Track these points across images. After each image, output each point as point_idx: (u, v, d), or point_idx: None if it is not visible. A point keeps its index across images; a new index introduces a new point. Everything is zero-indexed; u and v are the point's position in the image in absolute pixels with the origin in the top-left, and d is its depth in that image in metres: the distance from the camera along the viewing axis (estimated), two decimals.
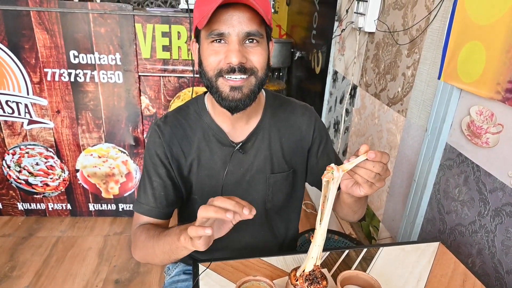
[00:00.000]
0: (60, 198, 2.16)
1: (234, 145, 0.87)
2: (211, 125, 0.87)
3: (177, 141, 0.87)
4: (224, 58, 0.74)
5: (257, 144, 0.89)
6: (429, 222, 1.31)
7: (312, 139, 0.95)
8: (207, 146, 0.88)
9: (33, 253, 1.93)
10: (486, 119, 1.03)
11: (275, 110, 0.92)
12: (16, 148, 2.01)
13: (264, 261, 0.84)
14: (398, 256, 0.89)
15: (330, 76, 2.42)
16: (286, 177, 0.93)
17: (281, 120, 0.92)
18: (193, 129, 0.88)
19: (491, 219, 1.01)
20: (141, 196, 0.88)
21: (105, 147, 2.04)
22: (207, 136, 0.87)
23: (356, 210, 0.84)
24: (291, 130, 0.93)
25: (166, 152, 0.86)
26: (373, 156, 0.62)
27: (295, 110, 0.94)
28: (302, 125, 0.93)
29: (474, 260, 1.08)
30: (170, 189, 0.87)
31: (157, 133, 0.87)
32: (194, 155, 0.88)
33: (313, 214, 2.42)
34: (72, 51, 1.82)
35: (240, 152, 0.88)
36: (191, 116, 0.89)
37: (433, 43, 1.28)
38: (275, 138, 0.91)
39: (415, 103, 1.40)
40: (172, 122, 0.88)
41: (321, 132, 0.96)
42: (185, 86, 1.96)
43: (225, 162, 0.88)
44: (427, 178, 1.28)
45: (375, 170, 0.64)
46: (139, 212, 0.87)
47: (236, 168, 0.89)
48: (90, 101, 1.93)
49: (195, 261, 0.83)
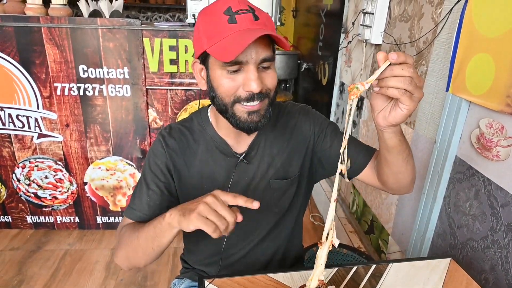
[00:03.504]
0: (69, 211, 2.17)
1: (237, 155, 0.87)
2: (214, 137, 0.88)
3: (180, 153, 0.88)
4: (243, 85, 0.73)
5: (260, 152, 0.89)
6: (440, 237, 1.28)
7: (315, 134, 0.93)
8: (211, 158, 0.88)
9: (41, 266, 1.93)
10: (496, 132, 1.01)
11: (275, 117, 0.92)
12: (25, 161, 2.03)
13: (270, 278, 0.83)
14: (408, 272, 0.87)
15: (337, 87, 2.42)
16: (291, 182, 0.93)
17: (282, 126, 0.92)
18: (196, 141, 0.89)
19: (504, 235, 0.99)
20: (135, 203, 0.86)
21: (113, 160, 2.06)
22: (210, 147, 0.88)
23: (405, 157, 0.78)
24: (292, 134, 0.93)
25: (169, 163, 0.87)
26: (395, 57, 0.55)
27: (293, 112, 0.94)
28: (302, 127, 0.93)
29: (487, 276, 1.05)
30: (165, 200, 0.87)
31: (161, 143, 0.87)
32: (198, 167, 0.88)
33: (321, 226, 2.40)
34: (81, 66, 1.85)
35: (245, 162, 0.88)
36: (195, 128, 0.90)
37: (441, 55, 1.27)
38: (277, 145, 0.91)
39: (423, 115, 1.38)
40: (176, 134, 0.89)
41: (321, 124, 0.93)
42: (192, 99, 1.97)
43: (229, 173, 0.88)
44: (437, 191, 1.26)
45: (406, 73, 0.56)
46: (131, 218, 0.86)
47: (241, 178, 0.89)
48: (98, 114, 1.95)
49: (201, 277, 0.82)
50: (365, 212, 1.94)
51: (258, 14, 0.73)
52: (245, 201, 0.65)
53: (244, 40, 0.67)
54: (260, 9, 0.75)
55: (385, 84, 0.58)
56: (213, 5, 0.74)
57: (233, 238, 0.74)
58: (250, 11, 0.72)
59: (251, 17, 0.71)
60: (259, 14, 0.73)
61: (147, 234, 0.74)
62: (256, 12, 0.73)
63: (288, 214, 0.97)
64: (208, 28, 0.73)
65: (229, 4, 0.72)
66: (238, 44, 0.67)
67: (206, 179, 0.88)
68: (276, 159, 0.91)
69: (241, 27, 0.70)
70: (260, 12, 0.74)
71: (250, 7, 0.73)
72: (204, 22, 0.74)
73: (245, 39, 0.67)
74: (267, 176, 0.90)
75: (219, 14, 0.71)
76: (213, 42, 0.71)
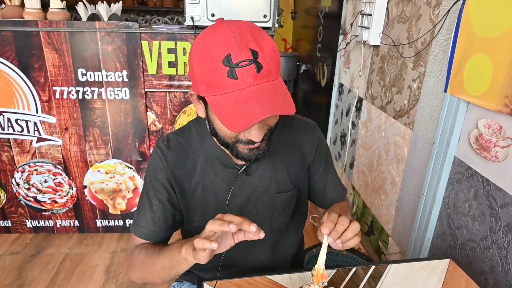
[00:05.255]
0: (68, 214, 2.17)
1: (238, 167, 0.86)
2: (214, 148, 0.86)
3: (180, 165, 0.86)
4: (244, 132, 0.71)
5: (262, 165, 0.88)
6: (439, 237, 1.28)
7: (313, 158, 0.95)
8: (211, 169, 0.86)
9: (41, 270, 1.93)
10: (495, 132, 1.01)
11: (279, 130, 0.89)
12: (25, 165, 2.03)
13: (270, 279, 0.83)
14: (407, 273, 0.87)
15: (336, 89, 2.42)
16: (291, 196, 0.93)
17: (285, 139, 0.91)
18: (196, 153, 0.87)
19: (503, 235, 0.99)
20: (140, 219, 0.87)
21: (112, 163, 2.06)
22: (210, 159, 0.86)
23: None
24: (294, 150, 0.92)
25: (169, 177, 0.85)
26: (327, 230, 0.69)
27: (299, 128, 0.93)
28: (305, 145, 0.93)
29: (486, 277, 1.05)
30: (169, 214, 0.87)
31: (159, 157, 0.85)
32: (198, 179, 0.87)
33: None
34: (80, 69, 1.85)
35: (245, 174, 0.87)
36: (193, 139, 0.87)
37: (439, 56, 1.27)
38: (279, 159, 0.90)
39: (421, 116, 1.38)
40: (175, 146, 0.86)
41: (322, 153, 0.96)
42: (190, 101, 1.97)
43: (229, 185, 0.86)
44: (436, 192, 1.26)
45: (346, 223, 0.70)
46: (137, 235, 0.87)
47: (242, 190, 0.88)
48: (97, 117, 1.95)
49: (200, 280, 0.82)
50: (364, 213, 1.94)
51: (261, 58, 0.64)
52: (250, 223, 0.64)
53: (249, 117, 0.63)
54: (262, 39, 0.66)
55: (346, 240, 0.71)
56: (210, 46, 0.65)
57: (232, 253, 0.74)
58: (252, 61, 0.63)
59: (254, 69, 0.64)
60: (262, 58, 0.64)
61: (163, 263, 0.75)
62: (259, 57, 0.64)
63: (289, 230, 0.98)
64: (205, 74, 0.66)
65: (229, 50, 0.63)
66: (243, 119, 0.63)
67: (207, 191, 0.87)
68: (278, 173, 0.90)
69: (242, 85, 0.64)
70: (263, 49, 0.65)
71: (252, 52, 0.64)
72: (200, 65, 0.67)
73: (250, 115, 0.63)
74: (269, 190, 0.90)
75: (217, 62, 0.64)
76: (212, 93, 0.67)
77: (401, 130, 1.54)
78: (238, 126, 0.64)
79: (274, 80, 0.68)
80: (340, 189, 1.02)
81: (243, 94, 0.64)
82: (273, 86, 0.67)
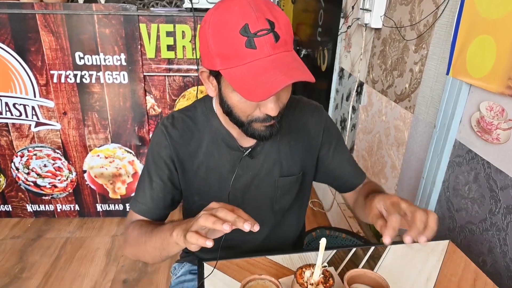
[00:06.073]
0: (68, 199, 2.18)
1: (243, 150, 0.85)
2: (220, 129, 0.85)
3: (184, 144, 0.85)
4: (260, 106, 0.70)
5: (266, 148, 0.87)
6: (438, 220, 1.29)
7: (322, 141, 0.92)
8: (216, 150, 0.86)
9: (42, 254, 1.95)
10: (497, 114, 1.01)
11: (285, 112, 0.90)
12: (24, 150, 2.02)
13: (270, 260, 0.83)
14: (406, 254, 0.87)
15: (336, 73, 2.40)
16: (295, 180, 0.92)
17: (291, 122, 0.89)
18: (201, 132, 0.86)
19: (503, 217, 0.99)
20: (139, 195, 0.87)
21: (112, 147, 2.05)
22: (216, 140, 0.85)
23: None
24: (300, 133, 0.91)
25: (172, 155, 0.85)
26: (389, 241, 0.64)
27: (304, 111, 0.92)
28: (311, 128, 0.91)
29: (485, 258, 1.06)
30: (169, 192, 0.86)
31: (164, 134, 0.84)
32: (202, 159, 0.86)
33: (320, 212, 2.41)
34: (77, 53, 1.83)
35: (249, 157, 0.86)
36: (199, 118, 0.86)
37: (441, 38, 1.25)
38: (284, 141, 0.89)
39: (423, 99, 1.37)
40: (179, 124, 0.85)
41: (331, 133, 0.93)
42: (190, 85, 1.96)
43: (233, 166, 0.86)
44: (436, 175, 1.26)
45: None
46: (135, 211, 0.87)
47: (245, 173, 0.87)
48: (96, 102, 1.94)
49: (201, 261, 0.82)
50: None
51: (278, 29, 0.64)
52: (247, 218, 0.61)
53: (270, 84, 0.61)
54: (276, 11, 0.66)
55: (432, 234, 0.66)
56: (226, 17, 0.64)
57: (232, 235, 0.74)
58: (270, 30, 0.63)
59: (272, 38, 0.63)
60: (278, 29, 0.64)
61: (155, 244, 0.75)
62: (275, 27, 0.63)
63: (290, 212, 0.97)
64: (221, 47, 0.65)
65: (246, 20, 0.62)
66: (263, 88, 0.62)
67: (210, 171, 0.87)
68: (282, 156, 0.89)
69: (261, 55, 0.63)
70: (278, 21, 0.65)
71: (269, 22, 0.63)
72: (215, 37, 0.65)
73: (271, 83, 0.61)
74: (273, 173, 0.89)
75: (234, 32, 0.62)
76: (228, 65, 0.65)
77: (401, 114, 1.53)
78: (259, 95, 0.62)
79: (291, 51, 0.68)
80: (356, 170, 0.98)
81: (263, 64, 0.63)
82: (291, 56, 0.67)
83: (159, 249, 0.74)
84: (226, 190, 0.87)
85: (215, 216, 0.61)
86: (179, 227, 0.68)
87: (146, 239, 0.77)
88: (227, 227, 0.59)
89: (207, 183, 0.88)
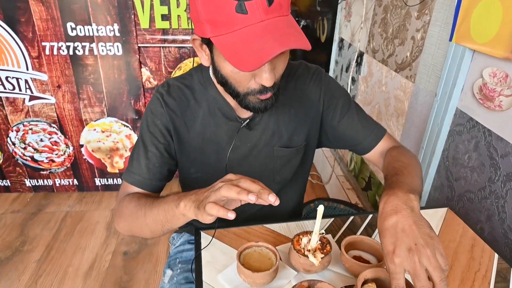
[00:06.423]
0: (67, 173, 2.17)
1: (240, 121, 0.82)
2: (217, 98, 0.81)
3: (181, 113, 0.82)
4: (255, 76, 0.66)
5: (265, 119, 0.84)
6: (437, 190, 1.29)
7: (324, 105, 0.88)
8: (213, 121, 0.83)
9: (42, 228, 1.96)
10: (500, 81, 0.98)
11: (283, 81, 0.83)
12: (19, 125, 2.00)
13: (267, 228, 0.83)
14: None
15: (336, 44, 2.34)
16: (295, 152, 0.89)
17: (289, 90, 0.86)
18: (198, 102, 0.83)
19: (502, 185, 0.98)
20: (133, 166, 0.83)
21: (108, 121, 2.03)
22: (213, 110, 0.82)
23: None
24: (300, 101, 0.87)
25: (168, 123, 0.82)
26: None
27: (303, 76, 0.88)
28: (311, 93, 0.87)
29: (483, 226, 1.06)
30: (165, 163, 0.83)
31: (159, 101, 0.81)
32: (199, 129, 0.83)
33: (319, 185, 2.42)
34: (69, 23, 1.77)
35: (247, 129, 0.83)
36: (196, 86, 0.83)
37: (445, 2, 1.21)
38: (283, 111, 0.85)
39: (424, 67, 1.34)
40: (175, 92, 0.82)
41: (333, 95, 0.88)
42: (186, 56, 1.91)
43: (231, 137, 0.83)
44: (436, 145, 1.25)
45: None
46: (129, 182, 0.82)
47: (243, 144, 0.85)
48: (90, 74, 1.90)
49: (198, 230, 0.82)
50: (362, 169, 1.95)
51: None
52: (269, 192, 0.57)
53: (262, 52, 0.57)
54: None
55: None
56: None
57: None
58: None
59: (264, 2, 0.58)
60: None
61: (156, 217, 0.71)
62: None
63: (292, 183, 0.95)
64: (210, 12, 0.60)
65: None
66: (255, 57, 0.58)
67: (207, 142, 0.84)
68: (281, 127, 0.86)
69: (252, 20, 0.58)
70: None
71: None
72: (204, 2, 0.61)
73: (263, 50, 0.57)
74: (271, 143, 0.86)
75: None
76: (218, 32, 0.61)
77: (402, 84, 1.50)
78: (250, 64, 0.58)
79: (286, 15, 0.63)
80: (371, 129, 0.88)
81: (254, 30, 0.59)
82: (286, 21, 0.61)
83: (161, 222, 0.70)
84: (223, 162, 0.85)
85: (238, 186, 0.57)
86: (187, 198, 0.64)
87: (146, 212, 0.73)
88: (253, 198, 0.56)
89: (204, 154, 0.86)
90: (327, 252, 0.68)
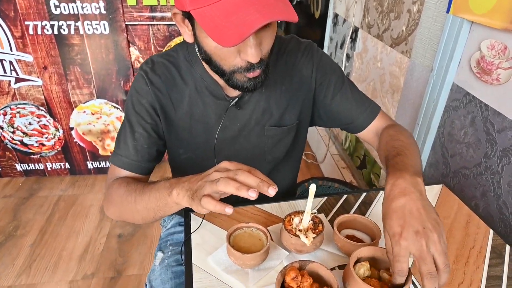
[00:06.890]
0: (58, 157, 2.14)
1: (229, 99, 0.79)
2: (204, 76, 0.78)
3: (167, 91, 0.78)
4: (240, 52, 0.62)
5: (255, 97, 0.80)
6: (432, 166, 1.27)
7: (316, 82, 0.84)
8: (200, 99, 0.79)
9: (35, 212, 1.94)
10: (498, 53, 0.95)
11: (274, 56, 0.80)
12: (6, 108, 1.95)
13: (258, 208, 0.81)
14: None
15: (330, 20, 2.28)
16: (287, 131, 0.86)
17: (280, 66, 0.82)
18: (184, 80, 0.79)
19: (498, 160, 0.96)
20: (120, 148, 0.79)
21: (98, 103, 1.98)
22: (200, 88, 0.79)
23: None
24: (290, 77, 0.83)
25: (154, 102, 0.78)
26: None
27: (294, 51, 0.83)
28: (303, 69, 0.83)
29: (477, 202, 1.05)
30: (153, 143, 0.80)
31: (144, 79, 0.77)
32: (186, 109, 0.80)
33: (314, 164, 2.40)
34: (52, 1, 1.70)
35: (236, 108, 0.80)
36: (181, 64, 0.79)
37: None
38: (274, 88, 0.82)
39: (420, 41, 1.30)
40: (160, 70, 0.78)
41: (325, 71, 0.84)
42: (176, 35, 1.85)
43: (219, 117, 0.80)
44: (431, 121, 1.22)
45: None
46: (117, 165, 0.79)
47: (232, 123, 0.81)
48: (77, 55, 1.84)
49: (187, 212, 0.80)
50: (357, 148, 1.93)
51: None
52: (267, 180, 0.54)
53: (243, 25, 0.53)
54: None
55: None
56: None
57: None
58: None
59: None
60: None
61: (148, 204, 0.67)
62: None
63: (284, 163, 0.92)
64: None
65: None
66: (235, 30, 0.54)
67: (195, 122, 0.81)
68: (272, 105, 0.82)
69: None
70: None
71: None
72: None
73: (245, 23, 0.53)
74: (262, 122, 0.83)
75: None
76: (198, 4, 0.57)
77: (397, 59, 1.46)
78: (231, 39, 0.54)
79: None
80: (365, 107, 0.85)
81: (235, 1, 0.55)
82: None
83: (153, 209, 0.67)
84: (212, 143, 0.82)
85: (235, 180, 0.54)
86: (179, 186, 0.61)
87: (136, 198, 0.70)
88: (254, 194, 0.52)
89: (192, 135, 0.82)
90: (319, 231, 0.66)
